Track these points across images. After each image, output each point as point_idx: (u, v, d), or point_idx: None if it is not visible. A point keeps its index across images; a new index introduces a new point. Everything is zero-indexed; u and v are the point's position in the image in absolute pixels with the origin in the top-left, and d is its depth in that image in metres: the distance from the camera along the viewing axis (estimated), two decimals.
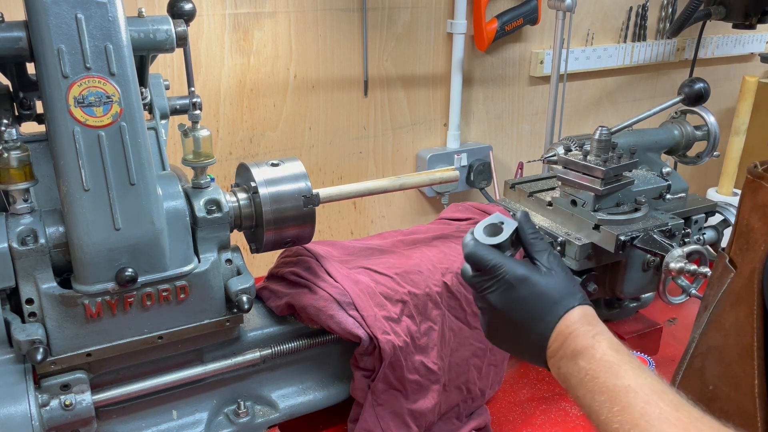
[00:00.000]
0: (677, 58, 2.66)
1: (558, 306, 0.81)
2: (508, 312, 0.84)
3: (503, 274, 0.83)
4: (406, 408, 1.17)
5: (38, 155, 1.03)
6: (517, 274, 0.83)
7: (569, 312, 0.81)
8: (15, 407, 0.92)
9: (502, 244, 0.87)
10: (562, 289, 0.83)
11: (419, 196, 2.31)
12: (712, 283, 0.95)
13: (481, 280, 0.86)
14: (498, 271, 0.84)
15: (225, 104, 1.86)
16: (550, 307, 0.82)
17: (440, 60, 2.17)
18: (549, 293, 0.82)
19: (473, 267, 0.87)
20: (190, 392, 1.13)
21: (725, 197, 2.21)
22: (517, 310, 0.83)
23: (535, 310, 0.82)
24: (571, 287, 0.83)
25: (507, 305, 0.84)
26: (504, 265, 0.84)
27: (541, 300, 0.82)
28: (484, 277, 0.85)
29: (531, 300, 0.83)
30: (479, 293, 0.87)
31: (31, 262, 0.94)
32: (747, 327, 0.83)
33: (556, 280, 0.83)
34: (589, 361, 0.76)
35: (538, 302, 0.82)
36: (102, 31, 0.87)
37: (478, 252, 0.85)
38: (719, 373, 0.88)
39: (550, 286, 0.83)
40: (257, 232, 1.11)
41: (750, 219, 0.87)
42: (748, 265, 0.84)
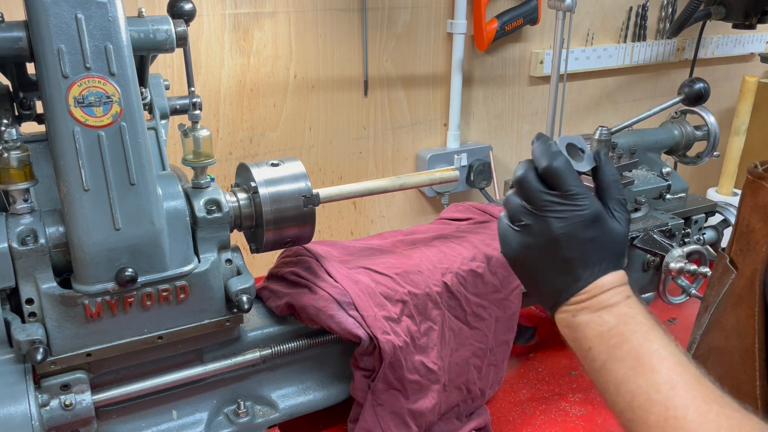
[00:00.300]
0: (677, 58, 2.66)
1: (612, 261, 0.77)
2: (562, 244, 0.76)
3: (582, 207, 0.75)
4: (406, 408, 1.17)
5: (38, 155, 1.03)
6: (595, 212, 0.76)
7: (617, 271, 0.77)
8: (15, 407, 0.92)
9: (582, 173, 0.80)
10: (621, 246, 0.78)
11: (419, 196, 2.31)
12: (712, 284, 0.95)
13: (554, 200, 0.76)
14: (579, 200, 0.75)
15: (225, 104, 1.86)
16: (603, 259, 0.76)
17: (440, 60, 2.17)
18: (610, 245, 0.77)
19: (549, 182, 0.77)
20: (190, 392, 1.13)
21: (725, 197, 2.22)
22: (572, 246, 0.76)
23: (589, 255, 0.76)
24: (626, 248, 0.80)
25: (566, 237, 0.76)
26: (588, 196, 0.76)
27: (600, 247, 0.76)
28: (558, 198, 0.76)
29: (590, 244, 0.76)
30: (540, 211, 0.77)
31: (31, 262, 0.94)
32: (748, 328, 0.83)
33: (621, 234, 0.78)
34: (617, 316, 0.73)
35: (595, 249, 0.76)
36: (102, 31, 0.87)
37: (566, 171, 0.76)
38: (720, 375, 0.88)
39: (615, 239, 0.77)
40: (257, 232, 1.11)
41: (750, 219, 0.87)
42: (749, 265, 0.84)
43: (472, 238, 1.33)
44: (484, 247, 1.30)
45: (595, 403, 1.38)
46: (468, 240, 1.32)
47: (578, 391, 1.42)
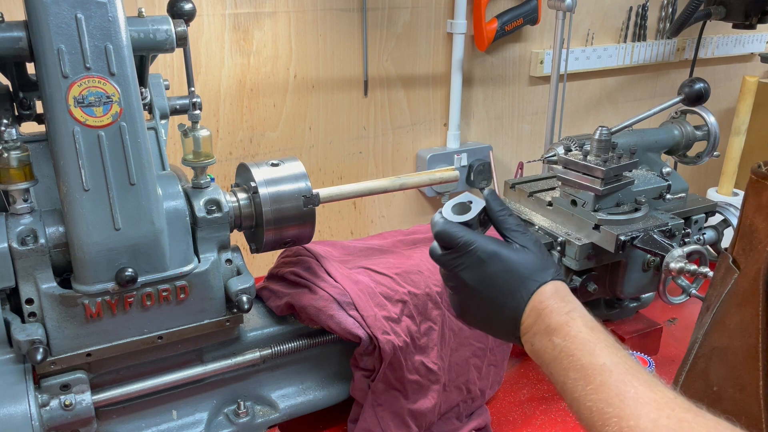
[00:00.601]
0: (677, 58, 2.66)
1: (530, 281, 0.80)
2: (480, 288, 0.83)
3: (474, 250, 0.82)
4: (406, 408, 1.17)
5: (38, 155, 1.03)
6: (488, 249, 0.82)
7: (542, 287, 0.80)
8: (15, 407, 0.92)
9: (471, 221, 0.86)
10: (535, 264, 0.81)
11: (419, 196, 2.31)
12: (714, 284, 0.94)
13: (452, 258, 0.84)
14: (469, 247, 0.82)
15: (225, 104, 1.86)
16: (522, 282, 0.80)
17: (440, 60, 2.17)
18: (521, 268, 0.81)
19: (443, 245, 0.86)
20: (190, 392, 1.13)
21: (725, 197, 2.21)
22: (489, 286, 0.82)
23: (507, 285, 0.81)
24: (543, 262, 0.82)
25: (479, 281, 0.82)
26: (475, 241, 0.82)
27: (512, 275, 0.81)
28: (454, 255, 0.84)
29: (503, 275, 0.81)
30: (450, 271, 0.85)
31: (31, 262, 0.94)
32: (752, 328, 0.83)
33: (528, 255, 0.82)
34: (563, 338, 0.75)
35: (510, 277, 0.81)
36: (102, 31, 0.87)
37: (447, 229, 0.84)
38: (724, 375, 0.88)
39: (522, 261, 0.81)
40: (257, 232, 1.11)
41: (754, 219, 0.86)
42: (752, 265, 0.84)
43: None
44: None
45: None
46: None
47: None
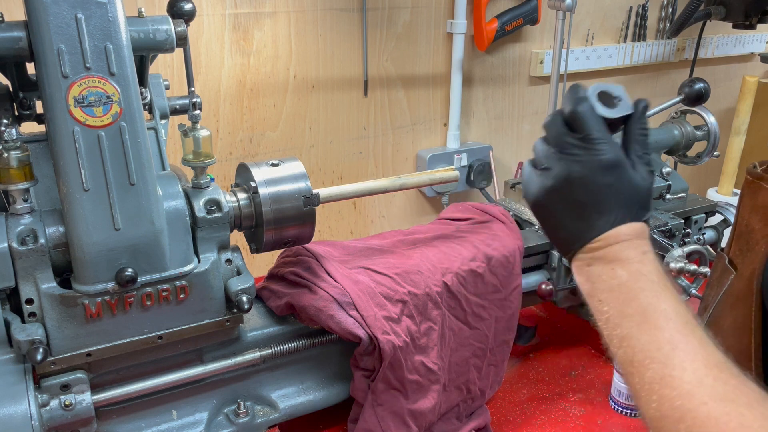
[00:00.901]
0: (677, 58, 2.66)
1: (629, 212, 0.75)
2: (579, 189, 0.76)
3: (602, 153, 0.75)
4: (406, 408, 1.17)
5: (38, 155, 1.03)
6: (615, 159, 0.75)
7: (635, 223, 0.75)
8: (15, 407, 0.92)
9: (613, 120, 0.79)
10: (642, 200, 0.77)
11: (419, 196, 2.31)
12: (711, 284, 0.95)
13: (574, 143, 0.77)
14: (598, 145, 0.75)
15: (225, 104, 1.86)
16: (621, 208, 0.75)
17: (440, 60, 2.17)
18: (629, 195, 0.76)
19: (575, 126, 0.78)
20: (190, 392, 1.13)
21: (725, 197, 2.21)
22: (589, 192, 0.76)
23: (605, 203, 0.75)
24: (648, 201, 0.78)
25: (582, 182, 0.76)
26: (607, 144, 0.76)
27: (618, 197, 0.75)
28: (578, 142, 0.76)
29: (608, 191, 0.75)
30: (561, 154, 0.77)
31: (31, 262, 0.94)
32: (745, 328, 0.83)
33: (643, 187, 0.77)
34: (630, 272, 0.72)
35: (615, 198, 0.75)
36: (102, 31, 0.87)
37: (589, 117, 0.76)
38: None
39: (634, 189, 0.76)
40: (257, 232, 1.11)
41: (750, 220, 0.87)
42: (748, 266, 0.84)
43: (472, 238, 1.33)
44: (484, 247, 1.30)
45: (595, 403, 1.38)
46: (468, 240, 1.32)
47: (578, 391, 1.42)
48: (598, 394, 1.40)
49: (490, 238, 1.32)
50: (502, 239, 1.33)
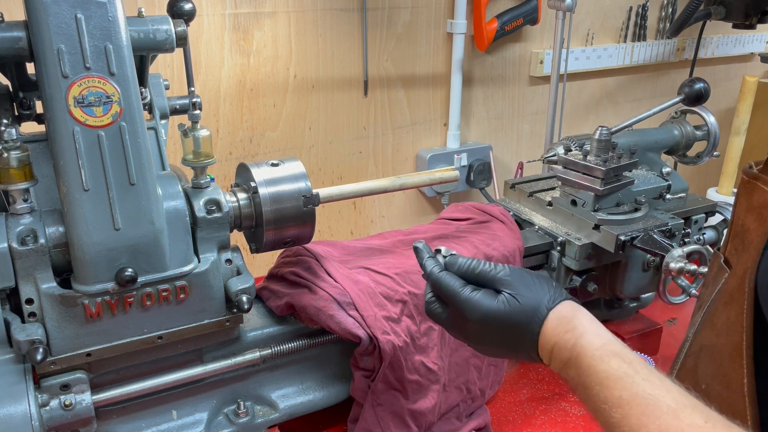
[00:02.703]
0: (677, 58, 2.66)
1: (531, 324, 0.79)
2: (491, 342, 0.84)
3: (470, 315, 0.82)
4: (406, 408, 1.17)
5: (38, 155, 1.03)
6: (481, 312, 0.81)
7: (544, 327, 0.79)
8: (15, 407, 0.92)
9: None
10: (529, 308, 0.80)
11: (419, 196, 2.31)
12: (707, 283, 0.95)
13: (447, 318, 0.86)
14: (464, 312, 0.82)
15: (225, 104, 1.86)
16: (524, 327, 0.80)
17: (440, 60, 2.17)
18: (517, 321, 0.80)
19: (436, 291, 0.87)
20: (190, 392, 1.13)
21: (725, 197, 2.21)
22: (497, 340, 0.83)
23: (513, 336, 0.81)
24: (537, 298, 0.80)
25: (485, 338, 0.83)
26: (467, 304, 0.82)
27: (514, 324, 0.80)
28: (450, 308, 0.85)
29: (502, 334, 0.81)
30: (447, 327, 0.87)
31: (30, 262, 0.94)
32: (738, 326, 0.83)
33: (522, 295, 0.81)
34: (576, 371, 0.75)
35: (513, 328, 0.80)
36: (102, 31, 0.87)
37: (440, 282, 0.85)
38: (711, 372, 0.88)
39: (515, 312, 0.80)
40: (257, 232, 1.11)
41: (745, 220, 0.87)
42: (743, 265, 0.85)
43: (472, 238, 1.33)
44: (484, 247, 1.30)
45: None
46: (468, 240, 1.32)
47: None
48: None
49: (490, 238, 1.32)
50: (502, 239, 1.33)
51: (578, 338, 0.76)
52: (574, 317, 0.78)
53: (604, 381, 0.71)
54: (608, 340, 0.75)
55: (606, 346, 0.74)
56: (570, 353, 0.76)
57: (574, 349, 0.75)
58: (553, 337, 0.78)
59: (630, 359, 0.72)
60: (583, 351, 0.74)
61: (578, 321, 0.78)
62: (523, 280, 0.82)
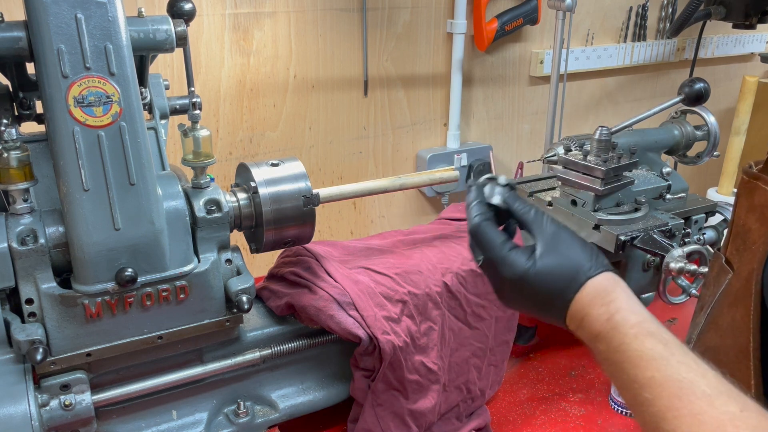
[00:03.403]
0: (677, 58, 2.66)
1: (566, 292, 0.76)
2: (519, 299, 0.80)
3: (504, 273, 0.79)
4: (406, 408, 1.17)
5: (38, 155, 1.03)
6: (516, 272, 0.78)
7: (579, 294, 0.75)
8: (15, 407, 0.92)
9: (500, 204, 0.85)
10: (568, 274, 0.76)
11: (419, 196, 2.31)
12: (708, 284, 0.95)
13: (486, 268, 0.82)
14: (499, 266, 0.79)
15: (225, 104, 1.86)
16: (558, 293, 0.76)
17: (440, 60, 2.17)
18: (552, 284, 0.76)
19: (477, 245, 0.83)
20: (190, 392, 1.13)
21: (725, 197, 2.21)
22: (527, 300, 0.80)
23: (543, 301, 0.78)
24: (577, 265, 0.77)
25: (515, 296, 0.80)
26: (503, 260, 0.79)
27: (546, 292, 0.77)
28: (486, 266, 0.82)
29: (537, 294, 0.78)
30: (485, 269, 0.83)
31: (30, 262, 0.94)
32: (744, 328, 0.83)
33: (560, 260, 0.77)
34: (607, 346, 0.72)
35: (544, 294, 0.77)
36: (102, 31, 0.87)
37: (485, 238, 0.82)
38: None
39: (552, 274, 0.76)
40: (257, 232, 1.11)
41: (747, 220, 0.87)
42: (746, 266, 0.84)
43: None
44: None
45: (595, 403, 1.38)
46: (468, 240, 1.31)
47: (578, 391, 1.42)
48: (598, 394, 1.40)
49: None
50: None
51: (614, 313, 0.72)
52: (612, 291, 0.75)
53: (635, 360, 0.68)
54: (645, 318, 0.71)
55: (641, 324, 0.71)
56: (602, 327, 0.72)
57: (607, 324, 0.72)
58: (587, 307, 0.74)
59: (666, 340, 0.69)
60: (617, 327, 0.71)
61: (616, 295, 0.74)
62: (568, 242, 0.79)
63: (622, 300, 0.73)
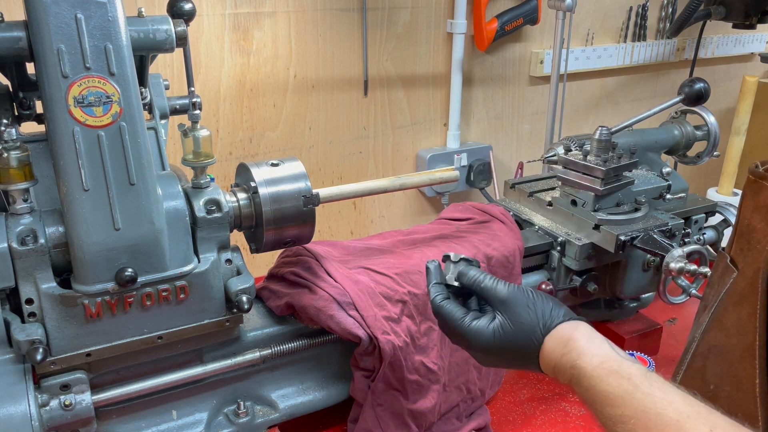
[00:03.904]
0: (677, 58, 2.66)
1: (530, 352, 0.81)
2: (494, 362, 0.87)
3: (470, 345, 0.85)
4: (406, 408, 1.17)
5: (38, 155, 1.03)
6: (480, 345, 0.84)
7: (542, 349, 0.80)
8: (15, 407, 0.92)
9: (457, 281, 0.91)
10: (525, 333, 0.81)
11: (419, 196, 2.31)
12: (712, 283, 0.95)
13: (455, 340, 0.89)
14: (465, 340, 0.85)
15: (225, 104, 1.86)
16: (523, 355, 0.82)
17: (440, 60, 2.17)
18: (516, 346, 0.82)
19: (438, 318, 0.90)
20: (190, 392, 1.13)
21: (725, 197, 2.21)
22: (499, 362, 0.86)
23: (514, 361, 0.84)
24: (533, 323, 0.82)
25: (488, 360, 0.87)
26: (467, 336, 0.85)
27: (512, 353, 0.83)
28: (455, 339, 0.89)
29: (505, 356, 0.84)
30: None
31: (30, 262, 0.94)
32: (749, 327, 0.83)
33: (516, 326, 0.82)
34: (579, 390, 0.76)
35: (512, 355, 0.83)
36: (102, 31, 0.87)
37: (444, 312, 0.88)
38: (720, 373, 0.88)
39: (512, 338, 0.82)
40: (257, 232, 1.11)
41: (752, 219, 0.87)
42: (751, 265, 0.84)
43: (472, 238, 1.33)
44: (484, 247, 1.30)
45: None
46: (468, 240, 1.32)
47: None
48: None
49: (490, 238, 1.32)
50: (502, 239, 1.33)
51: (575, 360, 0.76)
52: (570, 339, 0.78)
53: (603, 400, 0.72)
54: (606, 357, 0.75)
55: (603, 365, 0.74)
56: (570, 374, 0.76)
57: (573, 371, 0.76)
58: (552, 359, 0.79)
59: (629, 374, 0.72)
60: (581, 372, 0.75)
61: (574, 343, 0.78)
62: (521, 301, 0.84)
63: (581, 346, 0.77)
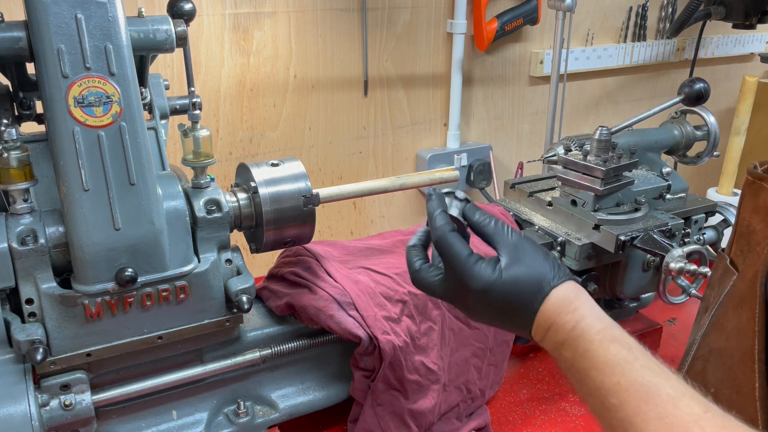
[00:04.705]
0: (677, 58, 2.66)
1: (532, 301, 0.76)
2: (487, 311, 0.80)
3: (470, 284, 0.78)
4: (406, 408, 1.17)
5: (38, 155, 1.03)
6: (483, 285, 0.78)
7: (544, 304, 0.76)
8: (15, 407, 0.92)
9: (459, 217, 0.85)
10: (533, 283, 0.77)
11: (419, 196, 2.31)
12: (712, 285, 0.94)
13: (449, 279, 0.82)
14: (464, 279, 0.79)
15: (225, 104, 1.86)
16: (524, 303, 0.77)
17: (440, 60, 2.17)
18: (519, 295, 0.77)
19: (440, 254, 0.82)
20: (190, 392, 1.13)
21: (725, 197, 2.21)
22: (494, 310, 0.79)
23: (511, 310, 0.78)
24: (541, 274, 0.77)
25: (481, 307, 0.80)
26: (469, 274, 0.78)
27: (514, 299, 0.77)
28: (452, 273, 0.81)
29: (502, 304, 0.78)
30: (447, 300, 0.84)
31: (30, 262, 0.94)
32: (749, 330, 0.83)
33: (525, 270, 0.77)
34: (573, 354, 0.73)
35: (512, 302, 0.77)
36: (102, 31, 0.87)
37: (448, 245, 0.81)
38: (721, 376, 0.88)
39: (518, 286, 0.77)
40: (257, 232, 1.11)
41: (751, 221, 0.86)
42: (750, 267, 0.84)
43: (472, 237, 1.32)
44: (484, 247, 1.29)
45: None
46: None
47: None
48: None
49: None
50: None
51: (578, 321, 0.73)
52: (576, 298, 0.75)
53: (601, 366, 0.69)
54: (609, 325, 0.73)
55: (606, 330, 0.72)
56: (568, 335, 0.73)
57: (573, 332, 0.73)
58: (553, 316, 0.75)
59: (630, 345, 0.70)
60: (582, 334, 0.72)
61: (579, 303, 0.75)
62: (531, 253, 0.79)
63: (586, 308, 0.75)
